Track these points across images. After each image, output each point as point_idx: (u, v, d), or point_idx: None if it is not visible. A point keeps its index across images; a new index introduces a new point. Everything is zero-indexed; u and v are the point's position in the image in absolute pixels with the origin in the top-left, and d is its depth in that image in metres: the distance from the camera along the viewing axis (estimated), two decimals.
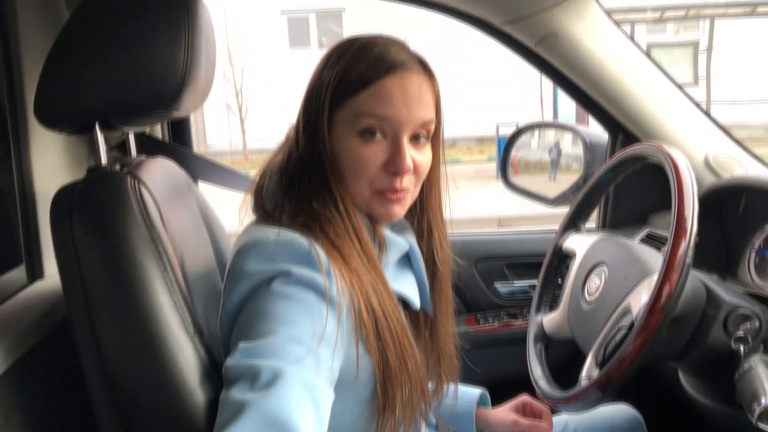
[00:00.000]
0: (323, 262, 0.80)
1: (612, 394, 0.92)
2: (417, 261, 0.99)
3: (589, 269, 1.12)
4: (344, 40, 0.91)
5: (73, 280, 0.84)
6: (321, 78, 0.89)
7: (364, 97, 0.86)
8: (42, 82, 0.89)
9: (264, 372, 0.72)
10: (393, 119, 0.87)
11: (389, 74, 0.87)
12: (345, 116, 0.88)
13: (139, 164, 0.96)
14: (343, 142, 0.88)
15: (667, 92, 1.50)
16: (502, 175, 1.96)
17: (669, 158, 0.96)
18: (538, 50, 1.48)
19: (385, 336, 0.84)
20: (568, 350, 1.42)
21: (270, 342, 0.74)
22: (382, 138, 0.88)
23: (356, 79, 0.86)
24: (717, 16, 11.88)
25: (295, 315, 0.77)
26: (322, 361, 0.76)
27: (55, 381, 1.02)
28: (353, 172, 0.89)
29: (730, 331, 0.95)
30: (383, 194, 0.90)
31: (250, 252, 0.81)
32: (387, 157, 0.88)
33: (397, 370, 0.86)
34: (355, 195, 0.90)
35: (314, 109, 0.89)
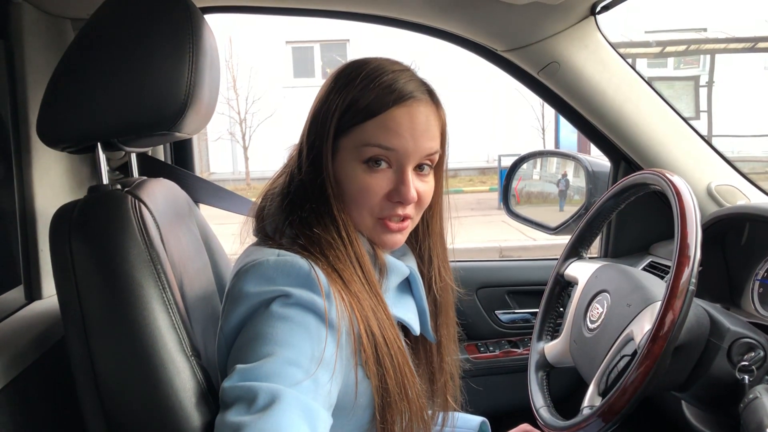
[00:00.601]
0: (323, 285, 0.79)
1: (615, 423, 0.90)
2: (417, 286, 0.98)
3: (592, 297, 1.11)
4: (352, 64, 0.91)
5: (71, 298, 0.83)
6: (327, 102, 0.89)
7: (371, 127, 0.86)
8: (45, 100, 0.89)
9: (261, 395, 0.71)
10: (399, 150, 0.87)
11: (398, 105, 0.87)
12: (350, 144, 0.87)
13: (139, 184, 0.96)
14: (348, 170, 0.88)
15: (669, 121, 1.50)
16: (504, 202, 1.96)
17: (671, 185, 0.96)
18: (541, 78, 1.49)
19: (385, 361, 0.83)
20: (570, 379, 1.41)
21: (268, 364, 0.73)
22: (386, 167, 0.88)
23: (364, 107, 0.86)
24: (717, 51, 12.00)
25: (293, 337, 0.76)
26: (321, 384, 0.75)
27: (49, 402, 1.01)
28: (356, 200, 0.88)
29: (735, 361, 0.93)
30: (385, 224, 0.90)
31: (249, 273, 0.81)
32: (391, 186, 0.88)
33: (396, 397, 0.84)
34: (357, 222, 0.90)
35: (319, 133, 0.89)
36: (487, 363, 1.70)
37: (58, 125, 0.89)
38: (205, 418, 0.81)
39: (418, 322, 0.97)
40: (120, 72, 0.88)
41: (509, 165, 1.96)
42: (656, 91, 1.50)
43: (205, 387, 0.84)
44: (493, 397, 1.62)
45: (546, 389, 1.15)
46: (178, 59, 0.89)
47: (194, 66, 0.90)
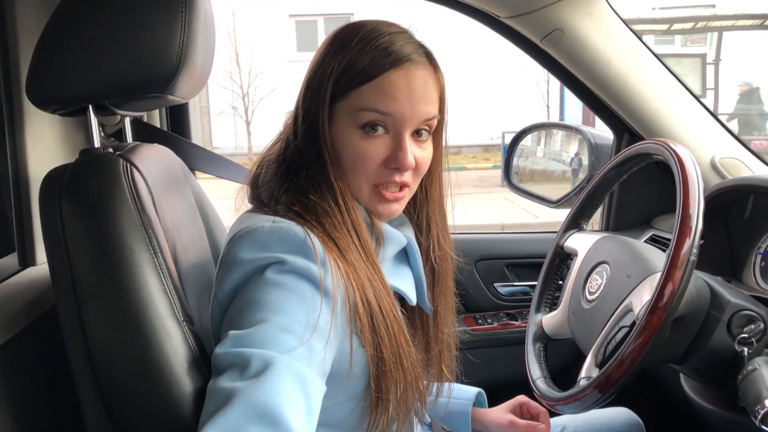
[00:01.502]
0: (319, 252, 0.78)
1: (611, 394, 0.90)
2: (414, 256, 0.97)
3: (591, 268, 1.09)
4: (348, 26, 0.89)
5: (61, 262, 0.82)
6: (323, 66, 0.86)
7: (367, 91, 0.84)
8: (35, 61, 0.87)
9: (254, 361, 0.70)
10: (396, 115, 0.85)
11: (394, 68, 0.84)
12: (347, 108, 0.85)
13: (132, 148, 0.94)
14: (344, 135, 0.86)
15: (674, 93, 1.48)
16: (506, 175, 1.95)
17: (674, 154, 0.94)
18: (544, 46, 1.46)
19: (380, 330, 0.82)
20: (567, 352, 1.40)
21: (261, 331, 0.73)
22: (383, 133, 0.86)
23: (360, 71, 0.84)
24: (725, 28, 11.84)
25: (288, 304, 0.75)
26: (315, 352, 0.75)
27: (41, 367, 1.00)
28: (353, 166, 0.87)
29: (734, 333, 0.93)
30: (380, 193, 0.88)
31: (243, 240, 0.79)
32: (389, 152, 0.86)
33: (391, 366, 0.84)
34: (354, 190, 0.88)
35: (315, 98, 0.87)
36: (485, 335, 1.70)
37: (48, 86, 0.87)
38: (196, 383, 0.81)
39: (414, 292, 0.96)
40: (110, 32, 0.86)
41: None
42: (662, 62, 1.47)
43: (197, 353, 0.83)
44: (490, 369, 1.62)
45: (543, 361, 1.14)
46: (170, 19, 0.86)
47: (187, 27, 0.88)
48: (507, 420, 1.14)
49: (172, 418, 0.80)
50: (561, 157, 1.97)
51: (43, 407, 0.99)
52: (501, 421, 1.15)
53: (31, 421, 0.94)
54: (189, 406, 0.79)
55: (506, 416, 1.15)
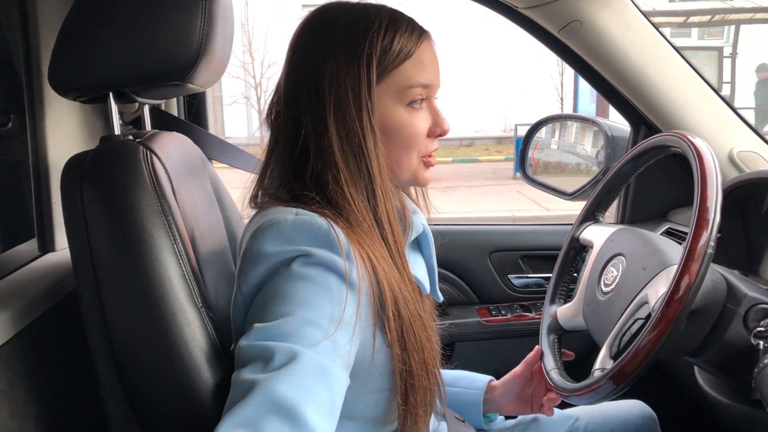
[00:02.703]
0: (343, 245, 0.77)
1: (625, 386, 0.90)
2: (428, 244, 0.97)
3: (607, 260, 1.09)
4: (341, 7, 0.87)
5: (82, 248, 0.84)
6: (354, 51, 0.84)
7: (409, 67, 0.86)
8: (57, 49, 0.88)
9: (278, 354, 0.70)
10: (434, 85, 0.89)
11: (422, 40, 0.87)
12: (391, 89, 0.86)
13: (152, 136, 0.96)
14: (392, 116, 0.86)
15: (692, 85, 1.46)
16: (521, 168, 1.93)
17: (693, 147, 0.93)
18: (561, 37, 1.45)
19: (404, 321, 0.82)
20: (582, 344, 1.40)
21: (286, 324, 0.72)
22: (421, 105, 0.88)
23: (399, 49, 0.85)
24: (742, 21, 11.68)
25: (313, 297, 0.75)
26: (339, 345, 0.74)
27: (62, 351, 1.02)
28: (406, 144, 0.88)
29: (750, 327, 0.92)
30: (427, 161, 0.91)
31: (267, 233, 0.79)
32: (431, 122, 0.89)
33: (416, 357, 0.83)
34: (404, 167, 0.89)
35: (351, 86, 0.83)
36: (499, 326, 1.70)
37: (70, 73, 0.88)
38: (214, 369, 0.82)
39: (428, 281, 0.96)
40: (131, 21, 0.87)
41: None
42: (680, 54, 1.46)
43: (215, 339, 0.84)
44: (503, 360, 1.61)
45: (557, 352, 1.14)
46: (190, 8, 0.88)
47: (207, 16, 0.89)
48: (510, 376, 1.17)
49: (189, 403, 0.81)
50: (576, 149, 1.96)
51: (63, 390, 1.01)
52: (509, 382, 1.18)
53: (52, 403, 0.96)
54: (207, 390, 0.81)
55: (512, 376, 1.18)
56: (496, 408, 1.18)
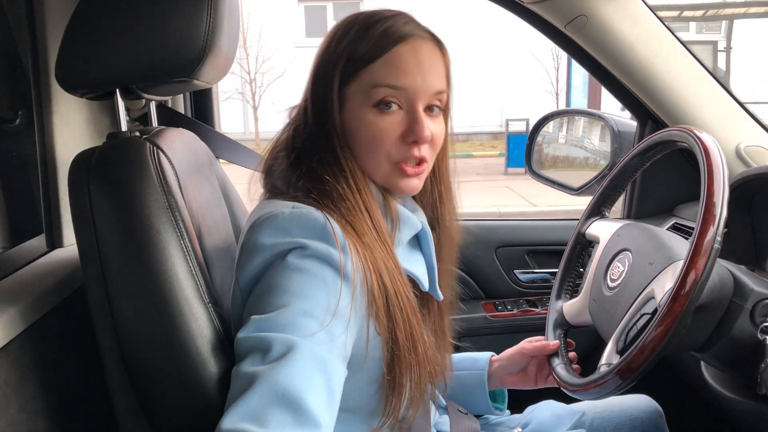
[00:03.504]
0: (338, 237, 0.79)
1: (632, 381, 0.90)
2: (428, 242, 0.97)
3: (613, 255, 1.09)
4: (350, 16, 0.90)
5: (89, 244, 0.84)
6: (328, 53, 0.88)
7: (377, 67, 0.85)
8: (64, 45, 0.88)
9: (276, 345, 0.71)
10: (408, 88, 0.86)
11: (401, 43, 0.86)
12: (358, 89, 0.86)
13: (158, 132, 0.96)
14: (358, 116, 0.87)
15: (699, 79, 1.46)
16: (527, 162, 1.93)
17: (699, 141, 0.93)
18: (568, 32, 1.44)
19: (394, 313, 0.83)
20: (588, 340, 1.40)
21: (283, 315, 0.73)
22: (398, 109, 0.87)
23: (366, 50, 0.85)
24: (736, 16, 11.58)
25: (309, 289, 0.76)
26: (335, 336, 0.75)
27: (69, 346, 1.02)
28: (370, 145, 0.87)
29: (757, 322, 0.92)
30: (402, 168, 0.88)
31: (264, 225, 0.80)
32: (405, 127, 0.87)
33: (405, 350, 0.84)
34: (372, 169, 0.89)
35: (324, 84, 0.87)
36: (505, 321, 1.70)
37: (77, 70, 0.89)
38: (221, 364, 0.82)
39: (426, 278, 0.97)
40: (138, 17, 0.87)
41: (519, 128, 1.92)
42: (687, 48, 1.45)
43: (222, 334, 0.85)
44: None
45: (563, 347, 1.14)
46: (197, 5, 0.88)
47: (213, 12, 0.89)
48: (515, 351, 1.17)
49: (197, 397, 0.82)
50: (584, 143, 1.95)
51: (72, 384, 1.01)
52: (512, 357, 1.17)
53: (60, 398, 0.97)
54: (214, 386, 0.81)
55: (514, 351, 1.18)
56: (500, 382, 1.19)
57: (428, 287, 0.97)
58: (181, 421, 0.84)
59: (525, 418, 1.22)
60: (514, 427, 1.18)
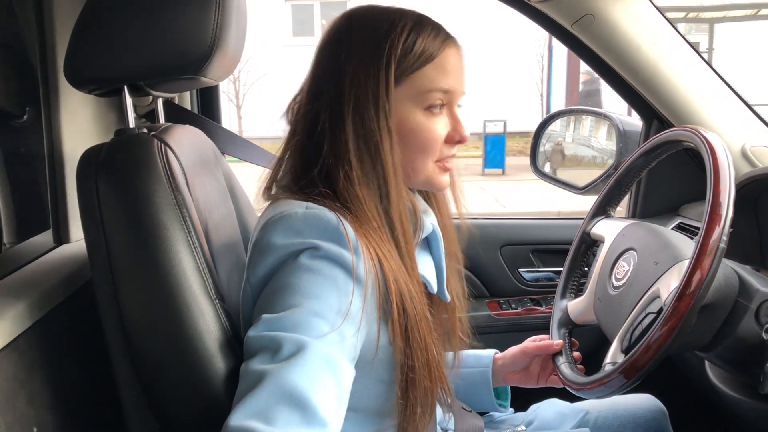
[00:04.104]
0: (351, 239, 0.78)
1: (636, 380, 0.90)
2: (438, 244, 0.97)
3: (618, 255, 1.09)
4: (372, 11, 0.88)
5: (97, 239, 0.85)
6: (368, 48, 0.84)
7: (430, 71, 0.85)
8: (73, 42, 0.89)
9: (286, 344, 0.71)
10: (454, 92, 0.88)
11: (448, 44, 0.87)
12: (410, 91, 0.86)
13: (166, 129, 0.96)
14: (410, 119, 0.86)
15: (705, 79, 1.46)
16: (531, 161, 1.92)
17: (705, 141, 0.93)
18: (574, 31, 1.44)
19: (409, 318, 0.82)
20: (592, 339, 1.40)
21: (294, 315, 0.73)
22: (441, 110, 0.88)
23: (421, 51, 0.85)
24: (716, 20, 11.52)
25: (321, 290, 0.76)
26: (346, 338, 0.76)
27: (77, 341, 1.03)
28: (422, 148, 0.88)
29: (762, 322, 0.92)
30: (443, 166, 0.91)
31: (277, 225, 0.80)
32: (450, 128, 0.89)
33: (419, 355, 0.84)
34: (418, 170, 0.89)
35: (367, 83, 0.84)
36: (509, 320, 1.70)
37: (85, 66, 0.89)
38: (228, 360, 0.83)
39: (436, 280, 0.97)
40: (147, 14, 0.88)
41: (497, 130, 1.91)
42: (693, 48, 1.45)
43: (229, 331, 0.85)
44: None
45: (568, 346, 1.15)
46: (206, 2, 0.88)
47: (221, 10, 0.89)
48: (518, 351, 1.17)
49: (204, 394, 0.82)
50: (590, 143, 1.95)
51: (79, 379, 1.02)
52: (515, 356, 1.17)
53: (68, 392, 0.97)
54: (221, 382, 0.81)
55: (517, 350, 1.18)
56: (502, 379, 1.19)
57: (437, 289, 0.97)
58: (187, 416, 0.85)
59: (529, 416, 1.22)
60: (518, 425, 1.19)
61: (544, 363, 1.17)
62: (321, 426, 0.68)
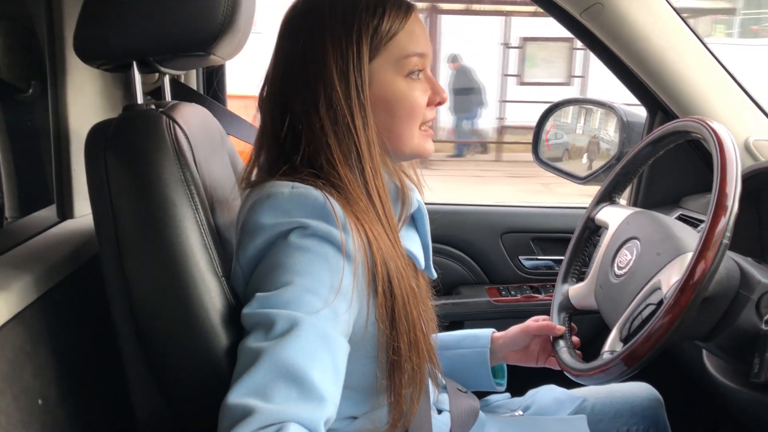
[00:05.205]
0: (339, 216, 0.79)
1: (636, 369, 0.91)
2: (423, 221, 0.99)
3: (621, 243, 1.10)
4: None
5: (105, 215, 0.85)
6: (341, 32, 0.85)
7: (402, 38, 0.87)
8: (83, 16, 0.89)
9: (279, 321, 0.72)
10: (427, 54, 0.90)
11: (412, 11, 0.89)
12: (388, 62, 0.87)
13: (174, 106, 0.96)
14: (392, 88, 0.87)
15: (711, 71, 1.45)
16: (533, 151, 1.92)
17: (714, 133, 0.93)
18: (583, 20, 1.44)
19: (396, 299, 0.83)
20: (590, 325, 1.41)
21: (287, 292, 0.75)
22: (419, 76, 0.90)
23: (391, 22, 0.86)
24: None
25: (312, 267, 0.77)
26: (339, 313, 0.77)
27: (82, 315, 1.03)
28: (409, 114, 0.89)
29: (763, 313, 0.93)
30: (427, 132, 0.92)
31: (264, 206, 0.80)
32: (429, 92, 0.91)
33: (405, 338, 0.85)
34: (406, 139, 0.90)
35: (343, 60, 0.84)
36: (509, 306, 1.71)
37: (95, 41, 0.89)
38: (233, 337, 0.83)
39: (423, 256, 0.98)
40: None
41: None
42: (700, 40, 1.45)
43: (235, 307, 0.85)
44: None
45: (568, 331, 1.16)
46: None
47: None
48: (519, 330, 1.18)
49: (208, 370, 0.83)
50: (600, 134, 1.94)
51: (84, 352, 1.02)
52: (515, 337, 1.18)
53: (73, 365, 0.98)
54: (225, 357, 0.82)
55: (518, 330, 1.18)
56: (502, 358, 1.20)
57: (424, 265, 0.98)
58: (191, 390, 0.86)
59: (526, 401, 1.23)
60: (515, 410, 1.20)
61: (544, 343, 1.18)
62: (319, 400, 0.69)
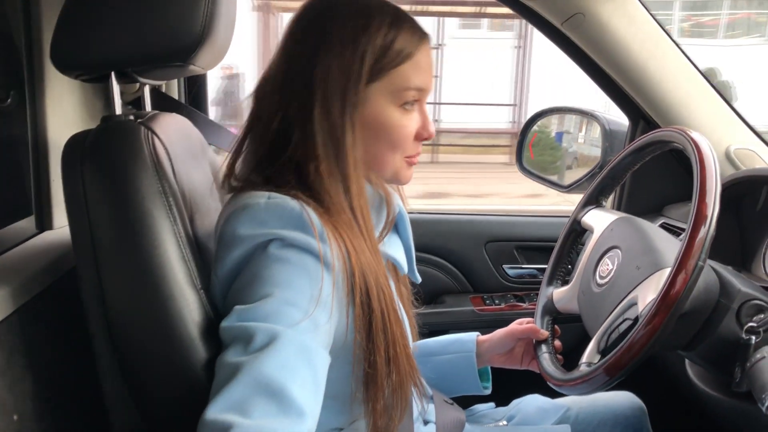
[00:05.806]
0: (316, 225, 0.78)
1: (618, 378, 0.91)
2: (405, 226, 0.98)
3: (604, 251, 1.10)
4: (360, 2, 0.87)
5: (82, 226, 0.84)
6: (351, 46, 0.83)
7: (408, 69, 0.86)
8: (60, 26, 0.88)
9: (258, 335, 0.71)
10: (427, 90, 0.89)
11: (423, 44, 0.87)
12: (386, 88, 0.85)
13: (153, 117, 0.95)
14: (384, 114, 0.86)
15: (692, 81, 1.47)
16: (517, 159, 1.93)
17: (693, 143, 0.94)
18: (564, 29, 1.45)
19: (374, 313, 0.82)
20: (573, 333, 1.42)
21: (266, 305, 0.74)
22: (413, 107, 0.89)
23: (400, 49, 0.85)
24: (446, 14, 11.44)
25: (291, 278, 0.76)
26: (319, 324, 0.76)
27: (59, 329, 1.02)
28: (393, 144, 0.88)
29: (743, 322, 0.93)
30: (410, 162, 0.92)
31: (240, 217, 0.80)
32: (419, 125, 0.90)
33: (381, 351, 0.83)
34: (386, 165, 0.90)
35: (341, 80, 0.83)
36: (492, 315, 1.71)
37: (72, 51, 0.88)
38: (212, 350, 0.82)
39: (405, 261, 0.98)
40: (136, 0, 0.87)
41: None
42: (681, 50, 1.46)
43: (214, 320, 0.84)
44: None
45: (551, 335, 1.16)
46: None
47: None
48: (505, 333, 1.18)
49: (186, 383, 0.81)
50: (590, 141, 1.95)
51: (60, 367, 1.01)
52: (502, 340, 1.18)
53: (48, 380, 0.96)
54: (203, 372, 0.81)
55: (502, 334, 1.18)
56: (487, 361, 1.20)
57: (407, 270, 0.98)
58: (169, 406, 0.84)
59: (510, 411, 1.23)
60: (500, 420, 1.20)
61: (528, 346, 1.18)
62: (298, 415, 0.68)
